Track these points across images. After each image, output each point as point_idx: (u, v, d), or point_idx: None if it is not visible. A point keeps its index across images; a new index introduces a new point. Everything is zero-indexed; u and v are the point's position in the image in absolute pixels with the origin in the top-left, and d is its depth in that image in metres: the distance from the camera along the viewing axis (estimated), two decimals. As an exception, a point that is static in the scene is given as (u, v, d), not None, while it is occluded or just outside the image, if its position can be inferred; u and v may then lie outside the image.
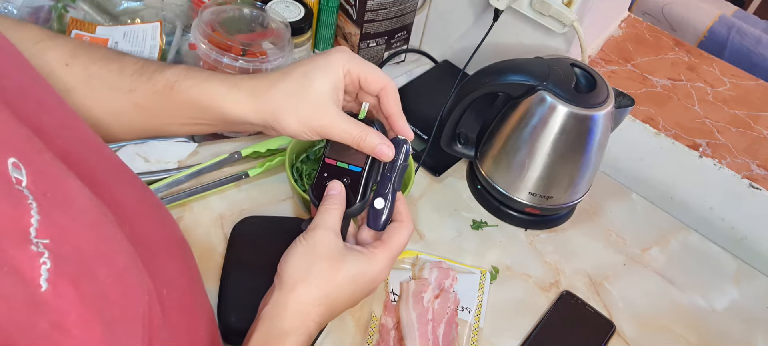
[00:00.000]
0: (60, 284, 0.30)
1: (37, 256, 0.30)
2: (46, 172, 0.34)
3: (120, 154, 0.80)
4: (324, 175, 0.57)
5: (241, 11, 0.84)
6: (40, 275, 0.30)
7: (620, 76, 0.93)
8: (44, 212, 0.31)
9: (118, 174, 0.45)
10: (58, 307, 0.30)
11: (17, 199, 0.30)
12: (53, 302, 0.30)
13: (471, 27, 0.99)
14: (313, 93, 0.53)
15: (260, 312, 0.53)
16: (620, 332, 0.75)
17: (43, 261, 0.30)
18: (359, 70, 0.56)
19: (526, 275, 0.79)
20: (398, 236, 0.56)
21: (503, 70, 0.77)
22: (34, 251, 0.30)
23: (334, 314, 0.55)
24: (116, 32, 0.87)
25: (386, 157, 0.55)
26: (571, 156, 0.77)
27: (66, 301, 0.31)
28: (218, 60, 0.77)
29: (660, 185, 0.90)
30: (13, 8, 0.85)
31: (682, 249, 0.87)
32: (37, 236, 0.30)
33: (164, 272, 0.44)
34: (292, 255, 0.54)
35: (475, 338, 0.71)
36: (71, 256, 0.32)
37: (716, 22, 1.55)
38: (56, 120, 0.40)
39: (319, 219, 0.54)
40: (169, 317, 0.41)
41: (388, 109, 0.57)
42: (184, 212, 0.78)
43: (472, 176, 0.88)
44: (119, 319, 0.34)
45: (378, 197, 0.57)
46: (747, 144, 0.86)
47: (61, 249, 0.31)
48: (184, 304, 0.47)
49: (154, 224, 0.47)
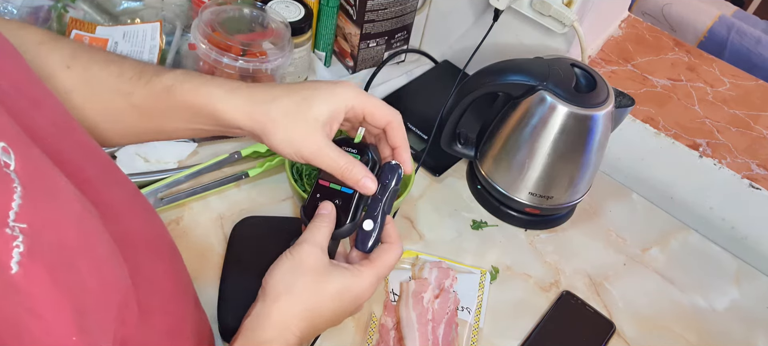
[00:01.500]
0: (32, 268, 0.31)
1: (11, 239, 0.30)
2: (34, 162, 0.34)
3: (120, 155, 0.80)
4: (316, 195, 0.58)
5: (241, 11, 0.84)
6: (11, 257, 0.30)
7: (620, 76, 0.93)
8: (28, 197, 0.32)
9: (108, 175, 0.45)
10: (28, 291, 0.31)
11: (2, 180, 0.31)
12: (24, 285, 0.30)
13: (471, 27, 0.99)
14: (308, 119, 0.54)
15: (243, 323, 0.53)
16: (620, 332, 0.75)
17: (15, 245, 0.30)
18: (364, 106, 0.56)
19: (526, 275, 0.79)
20: (386, 257, 0.57)
21: (503, 70, 0.77)
22: (8, 233, 0.30)
23: (316, 330, 0.55)
24: (116, 32, 0.87)
25: (369, 191, 0.56)
26: (571, 156, 0.77)
27: (37, 285, 0.31)
28: (218, 60, 0.77)
29: (660, 185, 0.90)
30: (12, 8, 0.85)
31: (683, 249, 0.87)
32: (15, 220, 0.31)
33: (147, 272, 0.44)
34: (277, 268, 0.54)
35: (475, 338, 0.71)
36: (49, 243, 0.33)
37: (716, 23, 1.55)
38: (49, 119, 0.41)
39: (306, 234, 0.55)
40: (148, 318, 0.41)
41: (395, 143, 0.58)
42: (184, 212, 0.78)
43: (472, 176, 0.88)
44: (93, 310, 0.35)
45: (367, 219, 0.57)
46: (747, 144, 0.86)
47: (39, 235, 0.32)
48: (167, 309, 0.47)
49: (141, 225, 0.47)
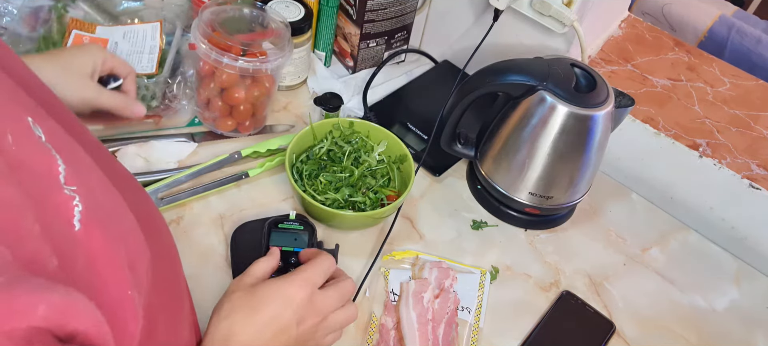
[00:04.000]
0: (90, 226, 0.33)
1: (70, 199, 0.33)
2: (58, 134, 0.37)
3: (120, 155, 0.80)
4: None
5: (241, 11, 0.84)
6: (74, 216, 0.32)
7: (620, 76, 0.93)
8: (67, 163, 0.34)
9: (100, 152, 0.46)
10: (89, 246, 0.32)
11: (46, 150, 0.34)
12: (85, 241, 0.32)
13: (471, 27, 0.99)
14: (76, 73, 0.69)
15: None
16: (620, 332, 0.75)
17: (75, 204, 0.33)
18: (111, 61, 0.73)
19: (526, 275, 0.79)
20: (311, 263, 0.60)
21: (503, 70, 0.77)
22: (67, 194, 0.33)
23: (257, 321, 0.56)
24: (116, 32, 0.87)
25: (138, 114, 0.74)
26: (571, 156, 0.77)
27: (96, 241, 0.33)
28: (218, 60, 0.77)
29: (660, 185, 0.90)
30: (13, 8, 0.85)
31: (682, 249, 0.87)
32: (66, 183, 0.33)
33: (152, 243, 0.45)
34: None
35: (475, 338, 0.71)
36: (96, 205, 0.35)
37: (716, 22, 1.55)
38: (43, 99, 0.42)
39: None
40: (156, 287, 0.42)
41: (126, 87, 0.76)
42: (184, 212, 0.78)
43: (472, 176, 0.88)
44: (136, 268, 0.37)
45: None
46: (747, 144, 0.86)
47: (87, 197, 0.34)
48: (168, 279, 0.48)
49: (136, 200, 0.48)
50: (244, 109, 0.84)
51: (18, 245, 0.28)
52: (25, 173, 0.31)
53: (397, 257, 0.78)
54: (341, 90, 0.95)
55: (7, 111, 0.34)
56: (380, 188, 0.80)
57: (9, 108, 0.34)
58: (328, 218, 0.77)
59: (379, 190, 0.80)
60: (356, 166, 0.80)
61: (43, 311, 0.26)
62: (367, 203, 0.78)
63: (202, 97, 0.84)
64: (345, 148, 0.82)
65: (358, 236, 0.79)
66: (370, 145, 0.83)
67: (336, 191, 0.78)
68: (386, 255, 0.78)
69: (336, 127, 0.83)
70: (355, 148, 0.82)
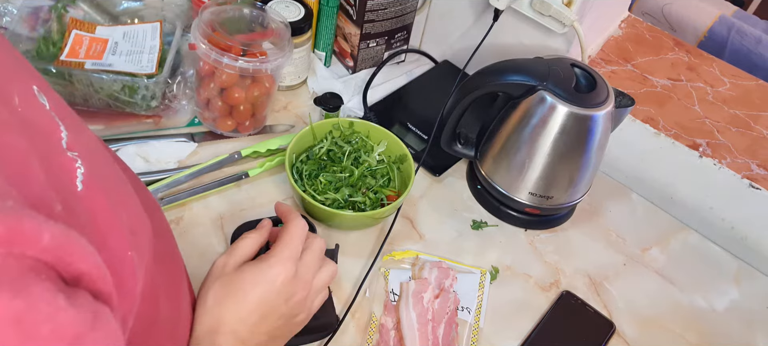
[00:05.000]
0: (92, 187, 0.34)
1: (73, 161, 0.34)
2: (60, 102, 0.38)
3: (120, 155, 0.80)
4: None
5: (241, 11, 0.84)
6: (76, 176, 0.33)
7: (620, 76, 0.93)
8: (69, 129, 0.35)
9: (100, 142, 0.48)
10: (91, 207, 0.33)
11: (50, 116, 0.35)
12: (87, 202, 0.33)
13: (471, 27, 0.99)
14: None
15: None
16: (620, 332, 0.75)
17: (77, 166, 0.34)
18: None
19: (526, 275, 0.79)
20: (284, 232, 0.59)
21: (503, 70, 0.77)
22: (70, 156, 0.34)
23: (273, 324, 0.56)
24: (116, 32, 0.87)
25: None
26: (571, 156, 0.77)
27: (98, 203, 0.34)
28: (218, 60, 0.77)
29: (660, 185, 0.90)
30: (13, 8, 0.85)
31: (682, 249, 0.87)
32: (68, 149, 0.34)
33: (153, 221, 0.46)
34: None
35: (475, 338, 0.71)
36: (97, 170, 0.36)
37: (716, 22, 1.54)
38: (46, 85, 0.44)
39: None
40: (157, 262, 0.43)
41: None
42: (184, 212, 0.77)
43: (472, 176, 0.88)
44: (137, 233, 0.37)
45: None
46: (747, 144, 0.86)
47: (88, 160, 0.35)
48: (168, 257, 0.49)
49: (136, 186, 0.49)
50: (244, 109, 0.84)
51: (24, 185, 0.28)
52: (30, 130, 0.32)
53: (397, 257, 0.78)
54: (341, 90, 0.95)
55: (12, 75, 0.35)
56: (380, 188, 0.80)
57: (16, 73, 0.36)
58: (328, 218, 0.77)
59: (379, 190, 0.80)
60: (356, 166, 0.80)
61: (48, 240, 0.26)
62: (367, 203, 0.78)
63: (202, 97, 0.84)
64: (345, 148, 0.82)
65: (358, 236, 0.79)
66: (370, 145, 0.83)
67: (336, 191, 0.78)
68: (386, 255, 0.78)
69: (336, 127, 0.83)
70: (355, 148, 0.82)
